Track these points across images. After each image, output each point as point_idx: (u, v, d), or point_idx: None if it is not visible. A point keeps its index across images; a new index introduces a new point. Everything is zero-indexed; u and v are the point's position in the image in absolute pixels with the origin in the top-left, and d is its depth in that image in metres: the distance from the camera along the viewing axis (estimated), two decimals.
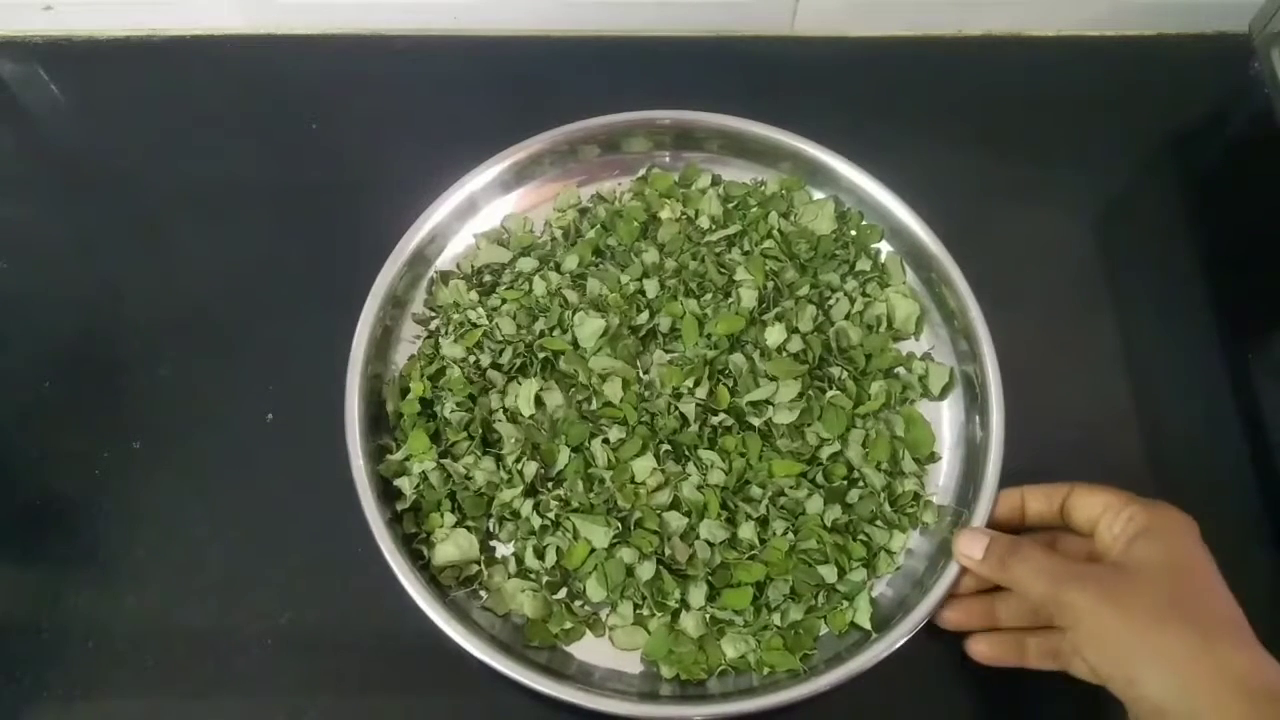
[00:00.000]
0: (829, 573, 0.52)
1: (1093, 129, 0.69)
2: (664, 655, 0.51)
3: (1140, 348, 0.61)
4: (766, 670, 0.51)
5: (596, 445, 0.55)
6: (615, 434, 0.55)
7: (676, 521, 0.53)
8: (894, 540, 0.54)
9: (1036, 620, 0.48)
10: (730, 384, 0.56)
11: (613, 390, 0.55)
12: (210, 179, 0.66)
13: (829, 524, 0.53)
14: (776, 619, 0.52)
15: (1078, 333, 0.62)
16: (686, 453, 0.55)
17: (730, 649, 0.51)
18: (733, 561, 0.52)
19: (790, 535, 0.53)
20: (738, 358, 0.57)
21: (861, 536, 0.53)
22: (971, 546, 0.48)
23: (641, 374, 0.57)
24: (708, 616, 0.52)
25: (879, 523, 0.54)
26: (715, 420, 0.55)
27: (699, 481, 0.54)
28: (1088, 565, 0.43)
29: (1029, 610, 0.48)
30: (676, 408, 0.55)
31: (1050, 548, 0.47)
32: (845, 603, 0.52)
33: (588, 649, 0.52)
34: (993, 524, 0.51)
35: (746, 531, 0.53)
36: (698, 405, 0.55)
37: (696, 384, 0.56)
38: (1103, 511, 0.44)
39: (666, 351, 0.58)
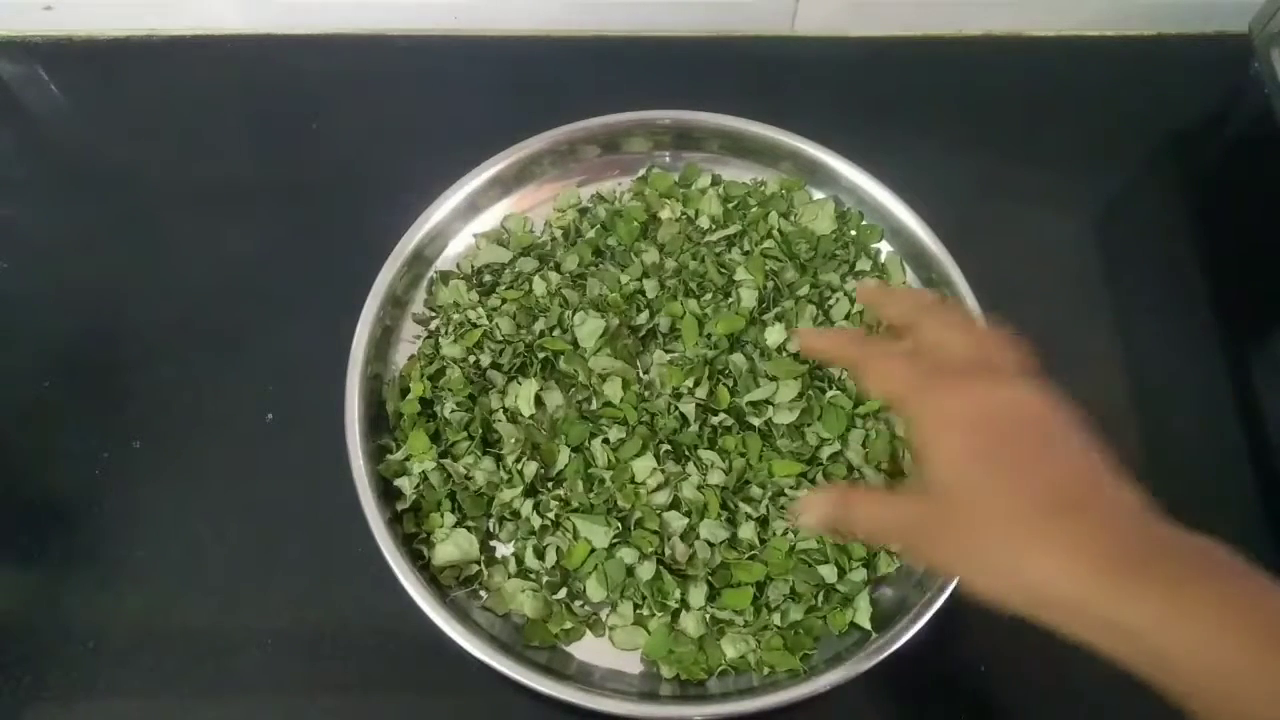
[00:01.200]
0: (829, 572, 0.52)
1: (1093, 129, 0.69)
2: (664, 655, 0.51)
3: (1140, 348, 0.61)
4: (766, 670, 0.51)
5: (596, 445, 0.55)
6: (615, 434, 0.55)
7: (677, 521, 0.53)
8: None
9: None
10: (730, 384, 0.56)
11: (613, 390, 0.56)
12: (210, 179, 0.66)
13: None
14: (776, 619, 0.52)
15: (1078, 333, 0.62)
16: (686, 453, 0.55)
17: (730, 649, 0.51)
18: (733, 561, 0.52)
19: (790, 535, 0.53)
20: (738, 358, 0.57)
21: None
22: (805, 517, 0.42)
23: (641, 374, 0.57)
24: (708, 617, 0.52)
25: None
26: (715, 420, 0.55)
27: (699, 481, 0.54)
28: (904, 502, 0.39)
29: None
30: (676, 408, 0.55)
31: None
32: (845, 603, 0.52)
33: (588, 649, 0.52)
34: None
35: (746, 531, 0.53)
36: (698, 405, 0.55)
37: (696, 384, 0.56)
38: (896, 399, 0.39)
39: (666, 351, 0.58)
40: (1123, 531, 0.33)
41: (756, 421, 0.55)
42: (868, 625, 0.51)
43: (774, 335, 0.57)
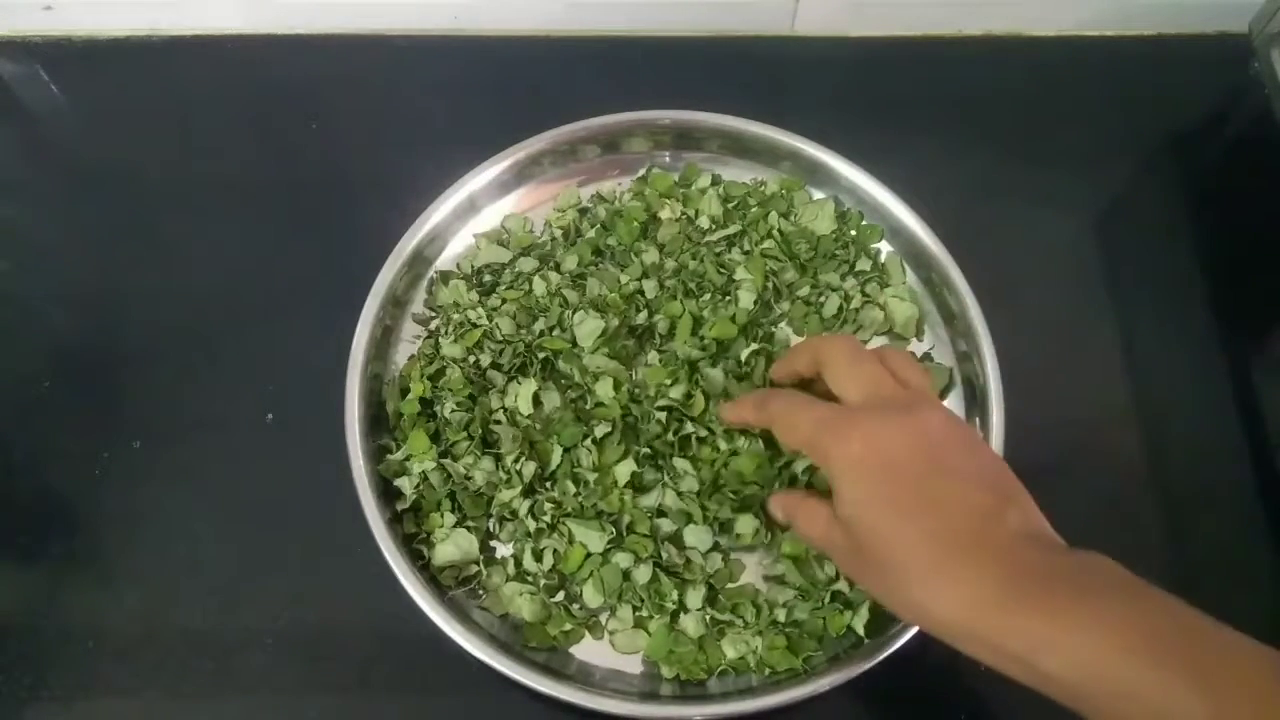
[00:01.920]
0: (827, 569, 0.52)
1: (1092, 129, 0.69)
2: (664, 655, 0.51)
3: (1140, 348, 0.61)
4: (767, 671, 0.51)
5: (585, 446, 0.55)
6: (601, 431, 0.55)
7: (668, 526, 0.53)
8: None
9: None
10: (704, 393, 0.56)
11: (604, 389, 0.55)
12: (210, 179, 0.66)
13: None
14: (781, 615, 0.52)
15: (1078, 333, 0.62)
16: (660, 461, 0.55)
17: (730, 649, 0.51)
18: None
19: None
20: (716, 371, 0.56)
21: None
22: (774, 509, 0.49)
23: (635, 374, 0.57)
24: (708, 618, 0.52)
25: None
26: (689, 429, 0.55)
27: (675, 488, 0.54)
28: (835, 526, 0.41)
29: None
30: (656, 411, 0.55)
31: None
32: (848, 606, 0.52)
33: (588, 649, 0.52)
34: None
35: (745, 525, 0.53)
36: (670, 410, 0.55)
37: (674, 384, 0.56)
38: (802, 446, 0.43)
39: (660, 352, 0.58)
40: (1011, 563, 0.36)
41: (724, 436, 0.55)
42: (860, 630, 0.51)
43: (745, 350, 0.57)
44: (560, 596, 0.53)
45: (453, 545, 0.53)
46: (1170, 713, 0.31)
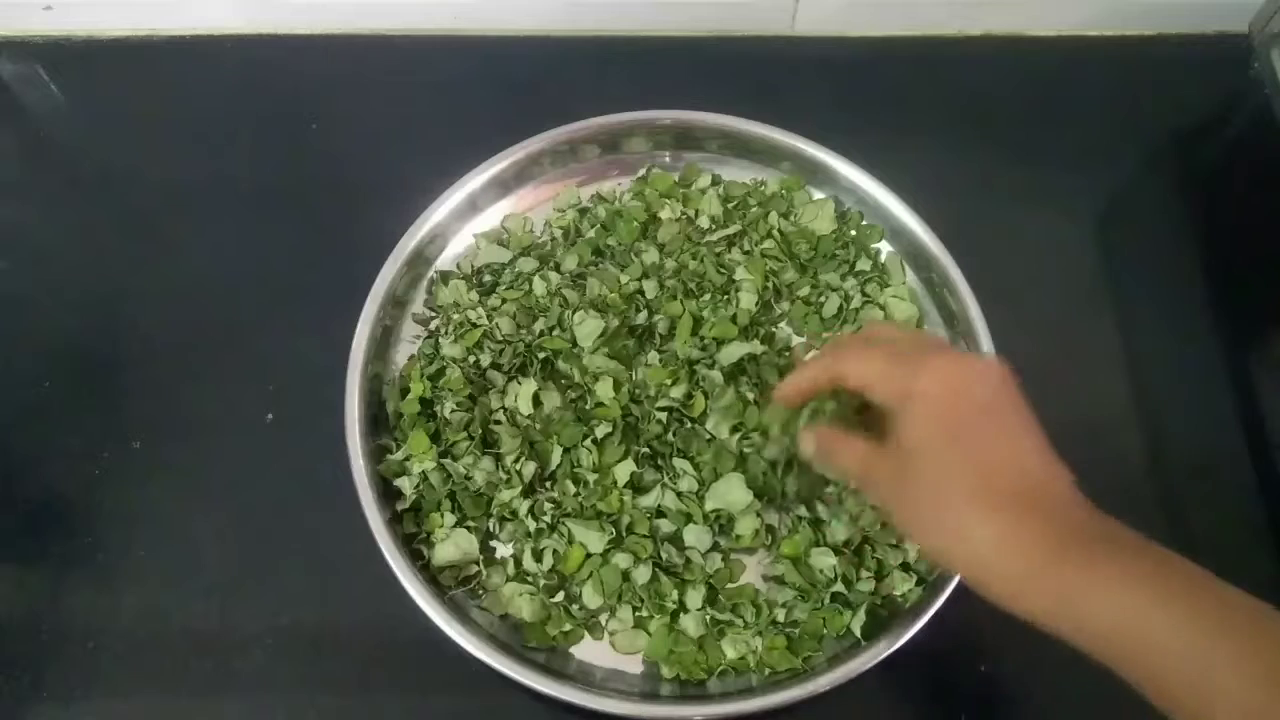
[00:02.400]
0: (837, 568, 0.52)
1: (1092, 129, 0.69)
2: (664, 655, 0.51)
3: (1140, 348, 0.61)
4: (767, 671, 0.51)
5: (585, 446, 0.55)
6: (602, 430, 0.55)
7: (667, 526, 0.53)
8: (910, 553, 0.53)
9: None
10: (704, 393, 0.56)
11: (604, 390, 0.55)
12: (210, 179, 0.66)
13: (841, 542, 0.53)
14: (781, 615, 0.52)
15: (1078, 333, 0.62)
16: (659, 461, 0.55)
17: (730, 649, 0.51)
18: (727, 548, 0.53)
19: (808, 530, 0.53)
20: (715, 373, 0.56)
21: (876, 555, 0.53)
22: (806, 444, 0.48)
23: (635, 374, 0.57)
24: (708, 618, 0.52)
25: (893, 541, 0.53)
26: (687, 428, 0.55)
27: (675, 488, 0.54)
28: (877, 457, 0.42)
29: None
30: (656, 411, 0.55)
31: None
32: (847, 606, 0.52)
33: (588, 648, 0.52)
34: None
35: (745, 527, 0.53)
36: (671, 411, 0.55)
37: (674, 384, 0.56)
38: (875, 380, 0.43)
39: (660, 352, 0.58)
40: (1060, 515, 0.38)
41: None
42: (858, 632, 0.51)
43: (728, 354, 0.57)
44: (560, 597, 0.53)
45: (453, 545, 0.53)
46: (1195, 662, 0.33)
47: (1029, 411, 0.41)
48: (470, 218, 0.62)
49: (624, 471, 0.54)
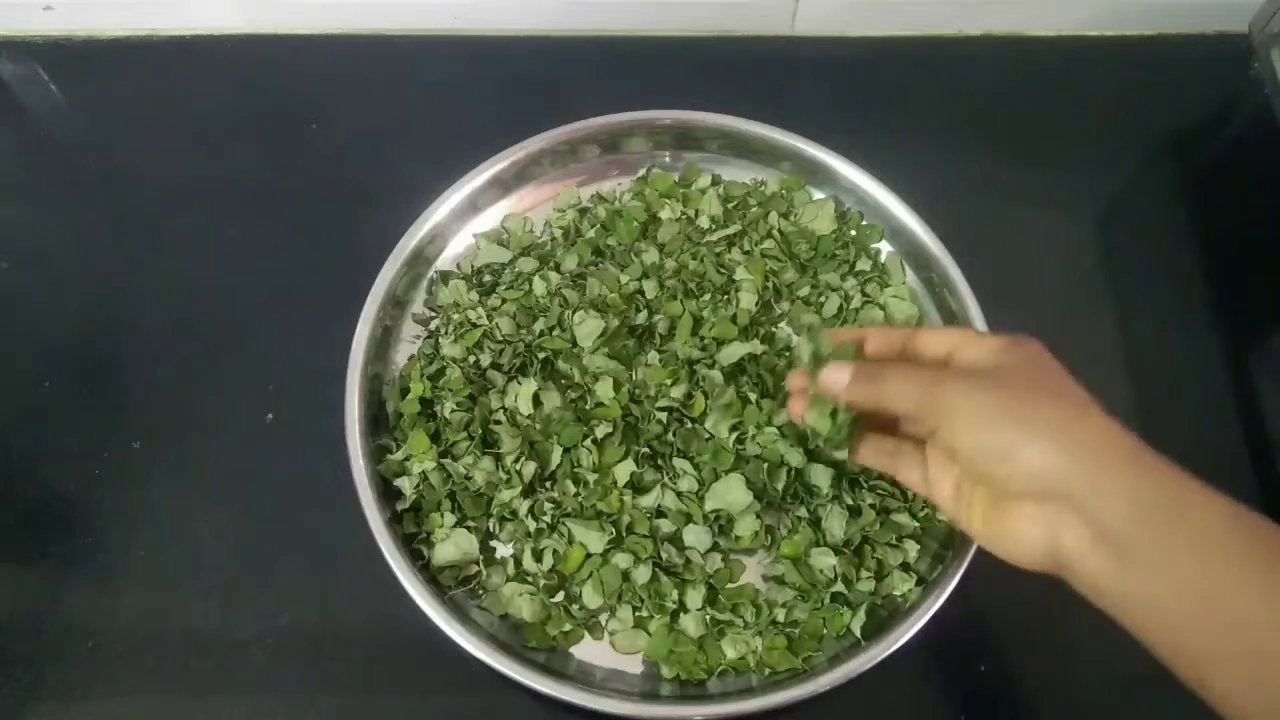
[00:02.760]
0: (837, 567, 0.52)
1: (1093, 129, 0.69)
2: (664, 655, 0.51)
3: (1140, 348, 0.61)
4: (767, 671, 0.51)
5: (585, 446, 0.55)
6: (602, 430, 0.55)
7: (667, 526, 0.53)
8: (909, 552, 0.53)
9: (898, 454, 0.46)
10: (704, 393, 0.56)
11: (604, 390, 0.55)
12: (210, 179, 0.66)
13: (844, 539, 0.53)
14: (781, 615, 0.52)
15: (1078, 333, 0.62)
16: (659, 461, 0.55)
17: (730, 649, 0.51)
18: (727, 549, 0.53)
19: (808, 530, 0.53)
20: (715, 373, 0.56)
21: (875, 555, 0.53)
22: (839, 372, 0.44)
23: (635, 374, 0.57)
24: (708, 618, 0.52)
25: (893, 540, 0.53)
26: (687, 428, 0.55)
27: (676, 488, 0.54)
28: (955, 369, 0.42)
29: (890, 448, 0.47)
30: (657, 411, 0.55)
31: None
32: (847, 606, 0.52)
33: (588, 648, 0.52)
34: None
35: (745, 527, 0.53)
36: (671, 411, 0.55)
37: (674, 384, 0.56)
38: (957, 344, 0.43)
39: (660, 352, 0.58)
40: (1132, 448, 0.39)
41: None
42: (858, 633, 0.51)
43: (727, 355, 0.57)
44: (560, 597, 0.53)
45: (453, 545, 0.53)
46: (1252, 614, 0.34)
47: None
48: (470, 218, 0.62)
49: (624, 471, 0.54)
